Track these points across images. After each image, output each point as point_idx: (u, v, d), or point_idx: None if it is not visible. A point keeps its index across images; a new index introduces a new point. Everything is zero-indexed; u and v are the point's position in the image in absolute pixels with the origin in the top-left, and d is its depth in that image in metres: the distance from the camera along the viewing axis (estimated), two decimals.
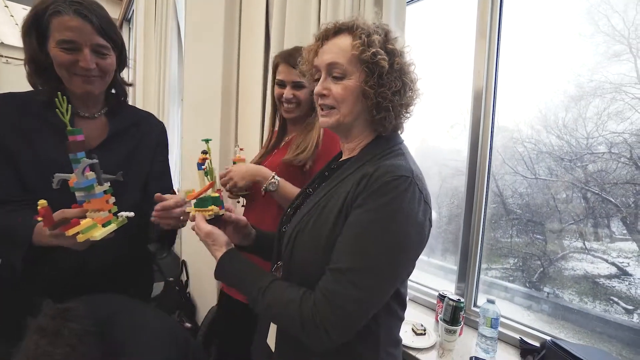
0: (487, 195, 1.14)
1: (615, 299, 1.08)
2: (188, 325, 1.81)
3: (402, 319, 0.66)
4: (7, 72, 6.23)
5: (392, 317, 0.62)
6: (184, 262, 2.13)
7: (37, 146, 0.77)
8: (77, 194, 0.65)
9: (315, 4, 1.24)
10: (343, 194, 0.56)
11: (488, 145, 1.12)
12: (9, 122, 0.77)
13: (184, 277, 2.09)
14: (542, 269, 1.24)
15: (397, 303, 0.62)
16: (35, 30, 0.75)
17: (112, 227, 0.68)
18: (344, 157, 0.69)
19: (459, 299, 1.00)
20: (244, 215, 1.14)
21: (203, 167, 0.69)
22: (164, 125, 1.03)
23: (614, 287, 1.09)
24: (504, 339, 1.05)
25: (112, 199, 0.70)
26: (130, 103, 0.94)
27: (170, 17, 2.62)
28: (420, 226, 0.53)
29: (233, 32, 1.64)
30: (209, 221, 0.68)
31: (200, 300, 2.02)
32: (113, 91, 0.92)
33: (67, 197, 0.68)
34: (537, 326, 1.07)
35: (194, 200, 0.69)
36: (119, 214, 0.70)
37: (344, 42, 0.60)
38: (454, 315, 0.98)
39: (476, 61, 1.12)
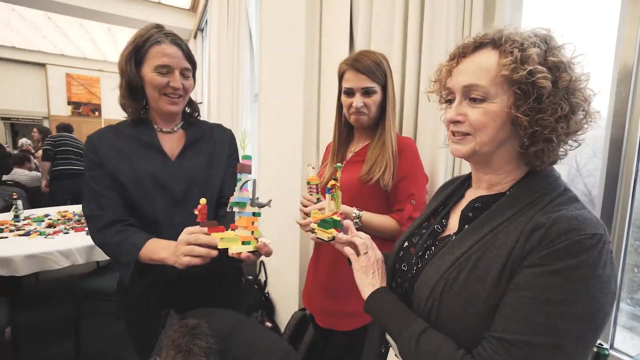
0: (633, 199, 0.91)
1: None
2: (269, 324, 1.88)
3: None
4: (107, 83, 8.04)
5: None
6: (262, 262, 2.21)
7: (133, 162, 0.89)
8: (234, 209, 0.71)
9: None
10: (505, 247, 0.47)
11: (638, 137, 0.87)
12: (110, 148, 0.90)
13: (262, 277, 2.18)
14: None
15: None
16: (134, 57, 0.88)
17: (249, 247, 0.71)
18: (478, 190, 0.60)
19: (600, 344, 0.82)
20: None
21: (331, 190, 0.72)
22: (232, 132, 1.11)
23: None
24: None
25: (257, 223, 0.73)
26: (205, 101, 1.02)
27: (243, 22, 2.73)
28: (613, 296, 0.44)
29: (314, 35, 1.60)
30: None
31: (279, 302, 2.07)
32: (187, 110, 1.03)
33: (168, 206, 0.88)
34: None
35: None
36: (259, 239, 0.73)
37: (486, 59, 0.51)
38: None
39: (621, 30, 0.88)
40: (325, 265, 1.03)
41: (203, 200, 0.73)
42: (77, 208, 2.76)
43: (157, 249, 0.79)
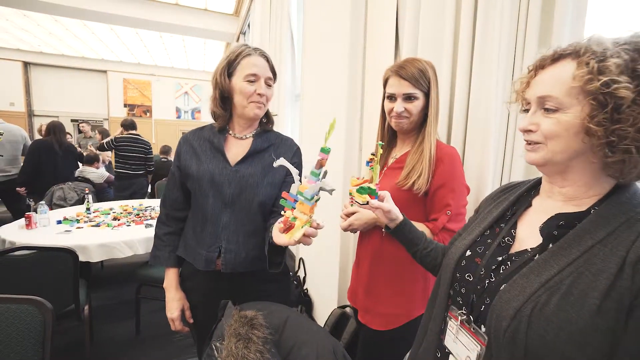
0: None
1: None
2: None
3: None
4: (157, 86, 8.95)
5: None
6: (302, 260, 2.29)
7: (201, 161, 1.02)
8: (297, 195, 0.71)
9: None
10: (605, 275, 0.45)
11: None
12: (190, 147, 1.05)
13: (301, 274, 2.27)
14: None
15: None
16: (227, 70, 0.99)
17: (306, 228, 0.70)
18: (552, 201, 0.57)
19: None
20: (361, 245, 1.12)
21: (370, 164, 0.81)
22: (299, 148, 1.14)
23: None
24: None
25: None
26: None
27: (285, 25, 2.81)
28: None
29: (358, 40, 1.62)
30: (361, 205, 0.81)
31: (318, 298, 2.13)
32: (263, 119, 1.11)
33: (217, 205, 0.99)
34: None
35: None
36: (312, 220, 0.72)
37: (562, 70, 0.51)
38: None
39: None
40: (365, 264, 1.07)
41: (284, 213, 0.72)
42: (136, 202, 3.05)
43: (168, 275, 1.10)
